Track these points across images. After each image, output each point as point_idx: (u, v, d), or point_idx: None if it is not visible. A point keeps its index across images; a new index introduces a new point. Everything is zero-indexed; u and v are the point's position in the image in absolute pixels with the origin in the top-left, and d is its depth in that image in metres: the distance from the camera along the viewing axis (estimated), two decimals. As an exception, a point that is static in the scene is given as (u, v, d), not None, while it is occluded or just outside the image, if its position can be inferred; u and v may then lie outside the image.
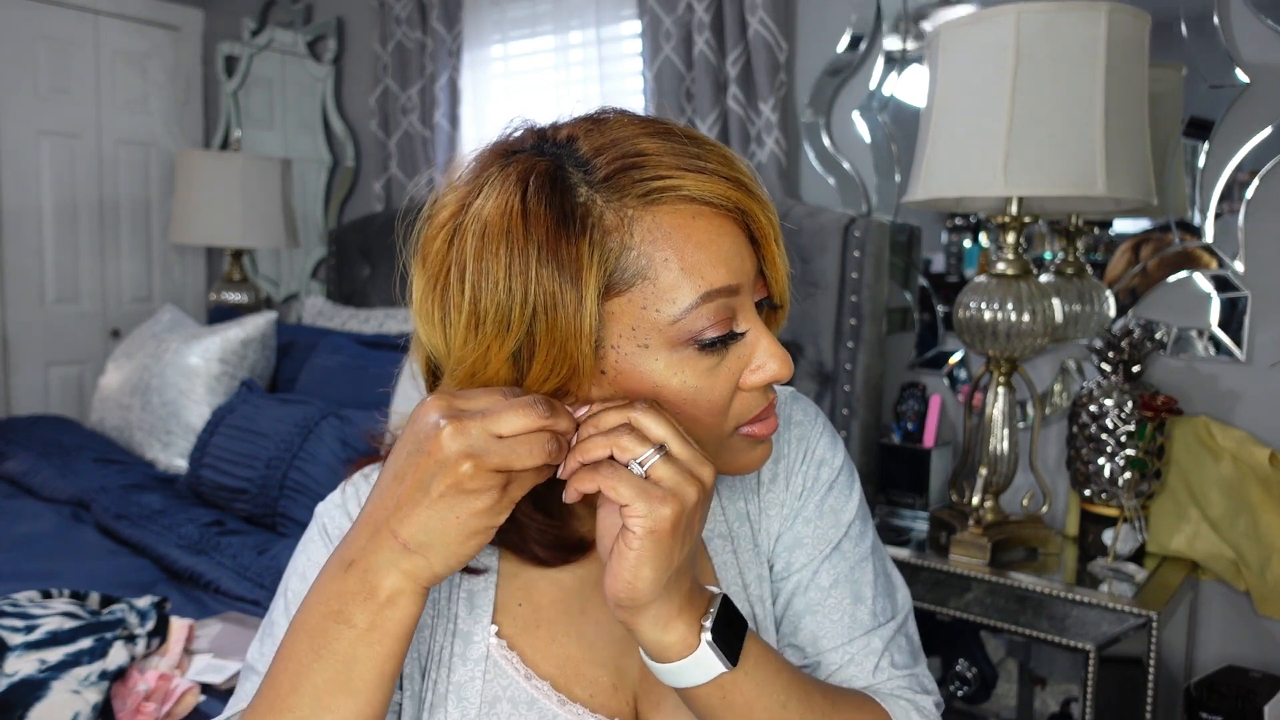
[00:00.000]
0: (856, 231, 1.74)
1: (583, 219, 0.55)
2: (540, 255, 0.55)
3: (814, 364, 1.81)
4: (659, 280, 0.56)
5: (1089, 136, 1.26)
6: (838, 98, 1.95)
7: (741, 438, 0.61)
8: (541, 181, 0.56)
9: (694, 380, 0.58)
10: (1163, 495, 1.52)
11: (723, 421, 0.60)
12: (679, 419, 0.58)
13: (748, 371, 0.60)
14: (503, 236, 0.55)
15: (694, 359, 0.58)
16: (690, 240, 0.56)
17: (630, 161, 0.56)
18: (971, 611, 1.40)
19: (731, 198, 0.58)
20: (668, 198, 0.57)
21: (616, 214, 0.56)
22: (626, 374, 0.58)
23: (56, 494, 2.07)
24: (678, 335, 0.57)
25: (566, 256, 0.55)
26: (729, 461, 0.62)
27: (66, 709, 1.16)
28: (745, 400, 0.60)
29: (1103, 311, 1.60)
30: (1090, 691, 1.29)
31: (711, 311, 0.57)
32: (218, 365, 2.38)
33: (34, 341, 3.15)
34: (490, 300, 0.56)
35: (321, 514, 0.68)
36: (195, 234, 2.79)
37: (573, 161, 0.57)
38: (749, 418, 0.61)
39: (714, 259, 0.57)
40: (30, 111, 3.09)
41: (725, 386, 0.59)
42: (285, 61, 3.21)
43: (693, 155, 0.57)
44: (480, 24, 2.59)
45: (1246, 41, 1.48)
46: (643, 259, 0.56)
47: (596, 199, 0.56)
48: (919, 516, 1.70)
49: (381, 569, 0.53)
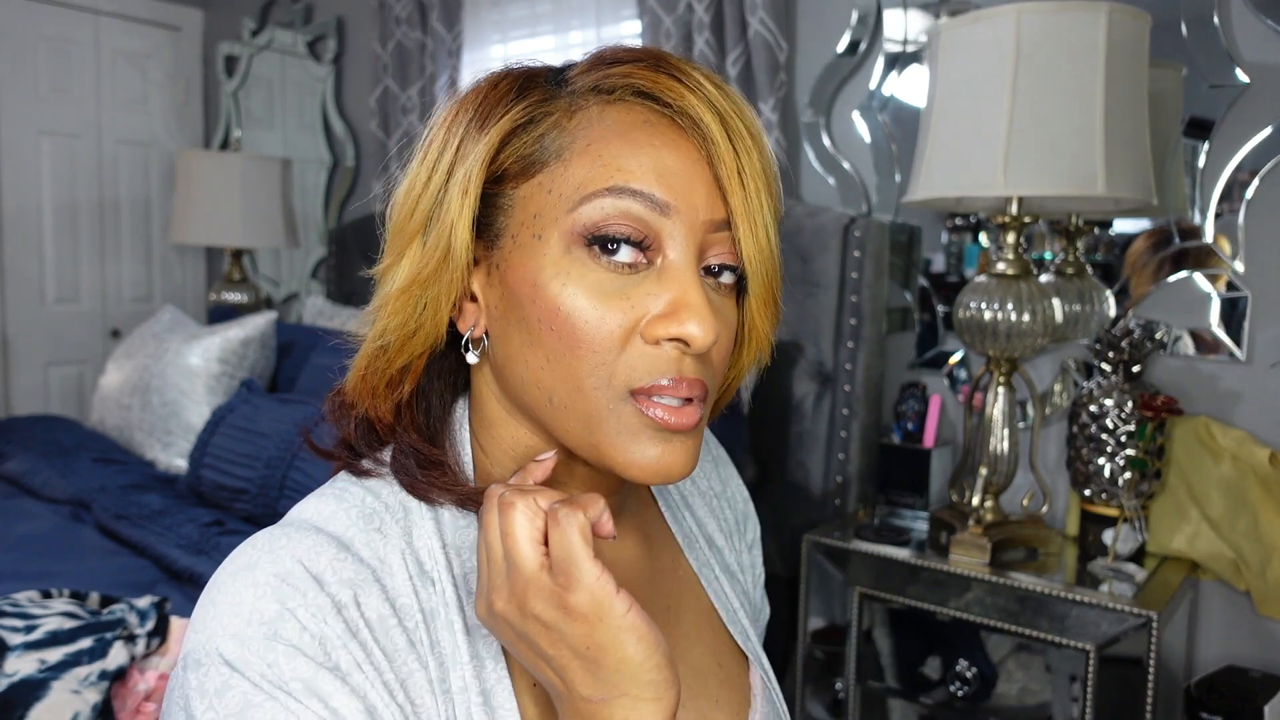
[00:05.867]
0: (856, 231, 1.74)
1: (528, 97, 0.53)
2: (471, 114, 0.53)
3: (814, 364, 1.81)
4: (571, 164, 0.50)
5: (1089, 136, 1.26)
6: (838, 98, 1.95)
7: (637, 412, 0.50)
8: (514, 75, 0.55)
9: (576, 291, 0.49)
10: (1163, 495, 1.52)
11: (607, 366, 0.49)
12: (551, 340, 0.50)
13: (656, 316, 0.49)
14: (453, 115, 0.54)
15: (586, 267, 0.50)
16: (624, 136, 0.50)
17: (602, 57, 0.54)
18: (971, 611, 1.40)
19: (681, 107, 0.50)
20: (621, 95, 0.52)
21: (568, 102, 0.53)
22: (512, 268, 0.52)
23: (56, 494, 2.07)
24: (571, 227, 0.49)
25: (489, 116, 0.53)
26: (610, 446, 0.51)
27: (66, 709, 1.16)
28: (646, 354, 0.50)
29: (1103, 311, 1.60)
30: (1090, 691, 1.29)
31: (617, 211, 0.49)
32: (218, 365, 2.38)
33: (34, 341, 3.15)
34: (421, 159, 0.54)
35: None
36: (195, 234, 2.79)
37: (554, 74, 0.56)
38: (645, 382, 0.50)
39: (644, 164, 0.49)
40: (30, 111, 3.09)
41: (619, 319, 0.49)
42: (285, 61, 3.21)
43: (672, 65, 0.52)
44: (480, 24, 2.59)
45: (1246, 41, 1.48)
46: (564, 139, 0.51)
47: (557, 92, 0.54)
48: (919, 516, 1.70)
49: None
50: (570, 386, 0.50)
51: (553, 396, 0.51)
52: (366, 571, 0.50)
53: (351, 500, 0.53)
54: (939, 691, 1.48)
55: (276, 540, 0.49)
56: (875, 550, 1.51)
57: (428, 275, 0.53)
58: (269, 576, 0.47)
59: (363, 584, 0.49)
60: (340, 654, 0.47)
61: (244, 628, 0.46)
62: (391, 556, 0.51)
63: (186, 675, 0.47)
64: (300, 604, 0.47)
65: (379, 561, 0.51)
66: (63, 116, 3.17)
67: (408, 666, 0.49)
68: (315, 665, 0.46)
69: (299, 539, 0.49)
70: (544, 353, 0.51)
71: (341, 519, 0.52)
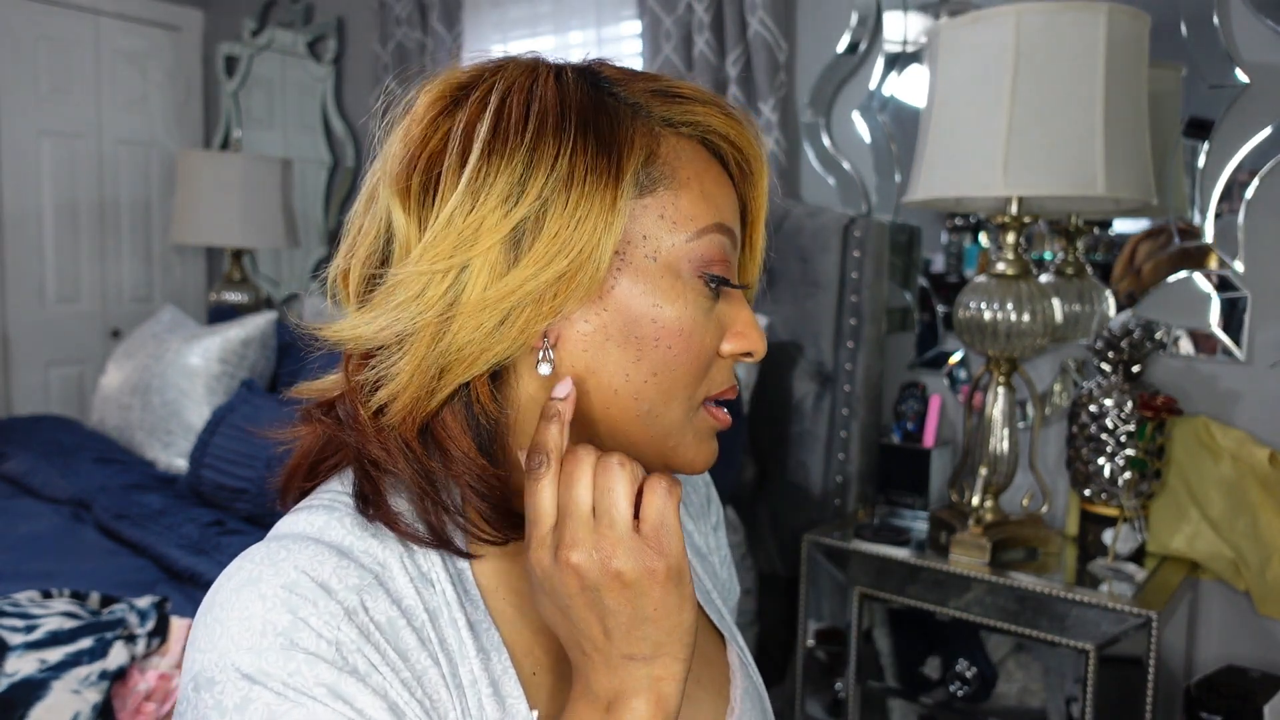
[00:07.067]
0: (856, 231, 1.74)
1: (620, 110, 0.53)
2: (577, 121, 0.51)
3: (814, 364, 1.81)
4: (680, 194, 0.53)
5: (1089, 136, 1.26)
6: (838, 98, 1.95)
7: (705, 417, 0.57)
8: (578, 72, 0.54)
9: (694, 314, 0.54)
10: (1163, 495, 1.52)
11: (700, 379, 0.56)
12: (665, 357, 0.53)
13: (729, 336, 0.57)
14: (532, 101, 0.51)
15: (697, 291, 0.54)
16: (709, 174, 0.55)
17: (661, 87, 0.55)
18: (971, 611, 1.40)
19: (749, 155, 0.57)
20: (691, 132, 0.56)
21: (645, 124, 0.54)
22: (625, 290, 0.52)
23: (57, 494, 2.07)
24: (686, 257, 0.53)
25: (606, 130, 0.51)
26: (684, 447, 0.57)
27: (67, 709, 1.16)
28: (720, 366, 0.57)
29: (1103, 311, 1.60)
30: (1090, 691, 1.29)
31: (722, 246, 0.55)
32: (218, 365, 2.38)
33: (34, 341, 3.15)
34: (504, 163, 0.49)
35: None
36: (195, 234, 2.79)
37: (599, 78, 0.55)
38: (717, 390, 0.57)
39: (729, 203, 0.56)
40: (30, 111, 3.09)
41: (714, 338, 0.56)
42: (285, 61, 3.21)
43: (725, 105, 0.57)
44: (480, 24, 2.59)
45: (1246, 41, 1.48)
46: (668, 169, 0.54)
47: (625, 107, 0.54)
48: (919, 516, 1.70)
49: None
50: (667, 398, 0.54)
51: (651, 408, 0.54)
52: (369, 576, 0.50)
53: (343, 510, 0.54)
54: (939, 691, 1.48)
55: (276, 553, 0.49)
56: (875, 550, 1.52)
57: (532, 289, 0.49)
58: (276, 589, 0.47)
59: (368, 589, 0.50)
60: (357, 658, 0.47)
61: (258, 640, 0.46)
62: (390, 560, 0.52)
63: (200, 696, 0.46)
64: (312, 612, 0.47)
65: (379, 566, 0.52)
66: (63, 116, 3.17)
67: (421, 664, 0.50)
68: (336, 670, 0.46)
69: (298, 549, 0.50)
70: (651, 368, 0.54)
71: (336, 528, 0.52)
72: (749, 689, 0.66)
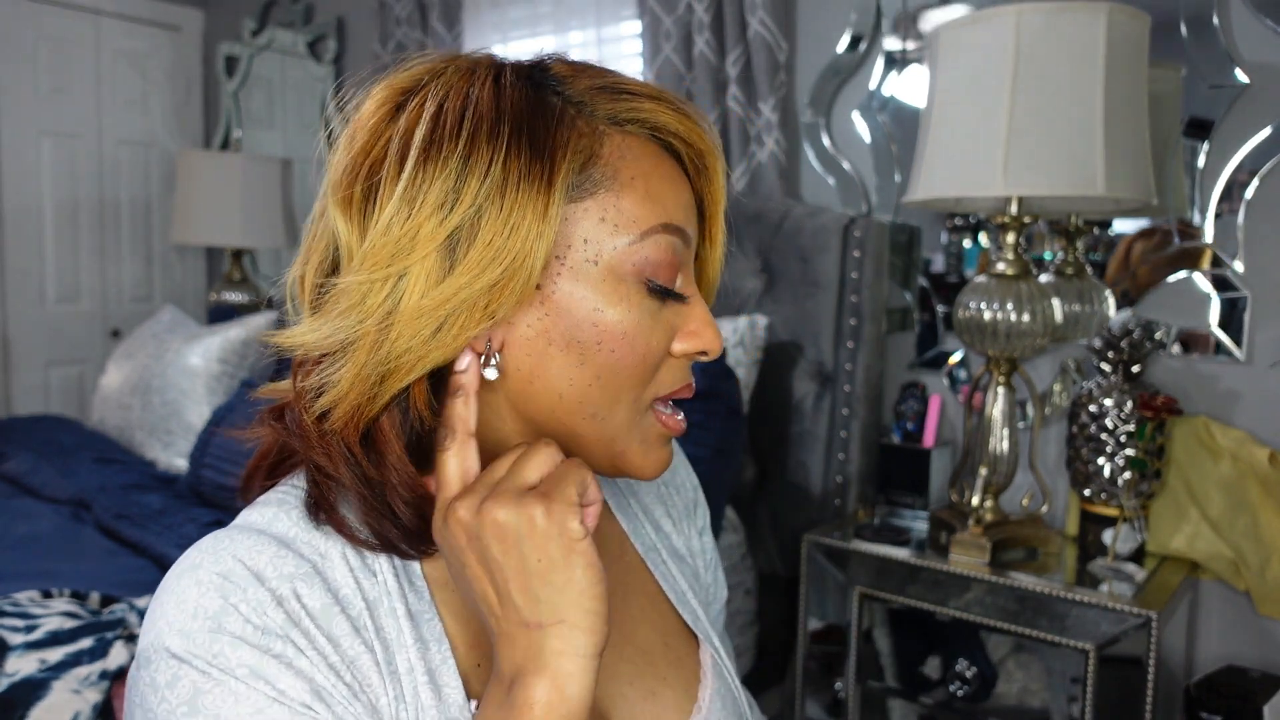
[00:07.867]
0: (856, 231, 1.74)
1: (560, 111, 0.53)
2: (511, 127, 0.50)
3: (814, 364, 1.81)
4: (622, 195, 0.53)
5: (1089, 136, 1.26)
6: (838, 98, 1.95)
7: (655, 419, 0.57)
8: (518, 72, 0.54)
9: (638, 316, 0.54)
10: (1162, 495, 1.52)
11: (646, 382, 0.55)
12: (608, 360, 0.53)
13: (681, 335, 0.56)
14: (468, 106, 0.51)
15: (640, 294, 0.54)
16: (656, 172, 0.54)
17: (608, 83, 0.55)
18: (971, 611, 1.40)
19: (701, 149, 0.57)
20: (637, 129, 0.55)
21: (588, 124, 0.53)
22: (565, 295, 0.52)
23: (57, 494, 2.07)
24: (629, 260, 0.53)
25: (541, 135, 0.51)
26: (631, 452, 0.57)
27: (67, 709, 1.16)
28: (671, 367, 0.57)
29: (1102, 311, 1.61)
30: (1090, 691, 1.30)
31: (667, 247, 0.54)
32: (218, 365, 2.38)
33: (34, 341, 3.15)
34: (438, 170, 0.49)
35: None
36: (195, 234, 2.79)
37: (546, 76, 0.55)
38: (667, 390, 0.57)
39: (680, 201, 0.55)
40: (30, 111, 3.10)
41: (662, 340, 0.55)
42: (285, 61, 3.21)
43: (674, 100, 0.56)
44: (480, 24, 2.59)
45: (1246, 41, 1.48)
46: (610, 170, 0.53)
47: (568, 107, 0.53)
48: (919, 516, 1.70)
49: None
50: (613, 401, 0.55)
51: (596, 411, 0.55)
52: (307, 565, 0.52)
53: (293, 503, 0.56)
54: (939, 691, 1.48)
55: (220, 543, 0.52)
56: (875, 550, 1.52)
57: (466, 296, 0.50)
58: (211, 575, 0.50)
59: (303, 577, 0.51)
60: (282, 643, 0.49)
61: (189, 622, 0.48)
62: (332, 551, 0.54)
63: (140, 673, 0.49)
64: (241, 599, 0.49)
65: (319, 556, 0.53)
66: (63, 116, 3.17)
67: (354, 649, 0.51)
68: (259, 653, 0.48)
69: (240, 539, 0.52)
70: (594, 371, 0.54)
71: (284, 520, 0.54)
72: (722, 691, 0.66)
